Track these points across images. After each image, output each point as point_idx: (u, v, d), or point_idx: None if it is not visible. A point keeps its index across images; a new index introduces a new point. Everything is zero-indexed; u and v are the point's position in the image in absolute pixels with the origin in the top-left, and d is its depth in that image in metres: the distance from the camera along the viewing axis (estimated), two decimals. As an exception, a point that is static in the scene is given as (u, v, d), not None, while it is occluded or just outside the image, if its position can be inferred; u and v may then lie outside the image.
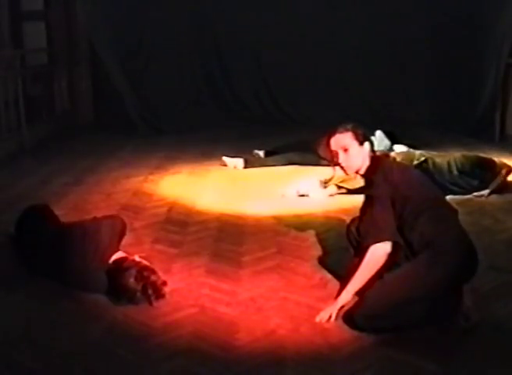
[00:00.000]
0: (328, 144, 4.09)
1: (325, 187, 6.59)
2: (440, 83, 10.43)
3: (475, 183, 6.41)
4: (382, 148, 7.53)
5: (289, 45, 10.89)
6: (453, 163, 6.47)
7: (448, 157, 6.62)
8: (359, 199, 4.28)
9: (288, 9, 10.79)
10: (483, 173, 6.46)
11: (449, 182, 6.34)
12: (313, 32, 10.80)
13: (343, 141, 4.03)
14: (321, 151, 7.30)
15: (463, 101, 9.93)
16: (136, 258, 4.32)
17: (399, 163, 4.29)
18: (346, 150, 4.01)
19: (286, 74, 11.02)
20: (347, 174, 4.19)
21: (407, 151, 7.19)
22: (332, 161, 4.10)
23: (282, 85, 11.11)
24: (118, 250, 4.45)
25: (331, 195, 6.54)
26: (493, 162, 6.63)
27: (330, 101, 10.75)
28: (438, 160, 6.53)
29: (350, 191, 6.33)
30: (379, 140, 7.73)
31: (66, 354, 3.54)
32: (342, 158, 4.02)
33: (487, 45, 9.35)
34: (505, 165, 6.68)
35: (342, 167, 4.07)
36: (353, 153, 4.01)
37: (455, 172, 6.42)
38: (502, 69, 9.08)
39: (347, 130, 4.06)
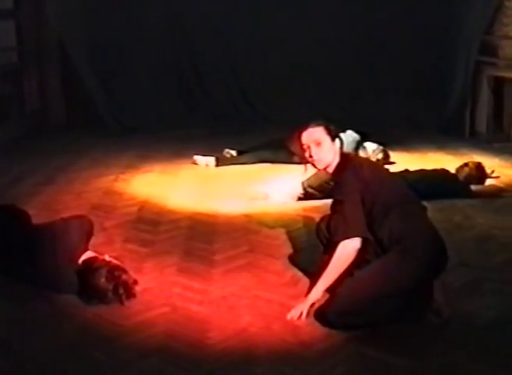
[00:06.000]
0: (299, 139, 4.11)
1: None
2: (411, 82, 10.46)
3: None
4: (351, 146, 7.51)
5: (261, 44, 10.88)
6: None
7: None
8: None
9: (261, 7, 10.77)
10: (443, 186, 6.28)
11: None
12: (286, 30, 10.76)
13: (315, 134, 4.06)
14: (293, 147, 7.28)
15: (433, 98, 10.00)
16: (107, 257, 4.30)
17: (369, 161, 4.31)
18: (318, 144, 4.04)
19: (259, 73, 10.99)
20: (318, 169, 4.20)
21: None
22: (303, 156, 4.12)
23: (255, 84, 11.08)
24: (87, 250, 4.43)
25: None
26: (443, 171, 6.59)
27: (303, 100, 10.72)
28: None
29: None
30: (348, 138, 7.68)
31: (38, 354, 3.52)
32: (314, 151, 4.04)
33: (456, 43, 9.46)
34: (471, 162, 6.79)
35: (312, 162, 4.08)
36: (326, 147, 4.04)
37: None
38: (471, 67, 9.17)
39: (320, 125, 4.10)
